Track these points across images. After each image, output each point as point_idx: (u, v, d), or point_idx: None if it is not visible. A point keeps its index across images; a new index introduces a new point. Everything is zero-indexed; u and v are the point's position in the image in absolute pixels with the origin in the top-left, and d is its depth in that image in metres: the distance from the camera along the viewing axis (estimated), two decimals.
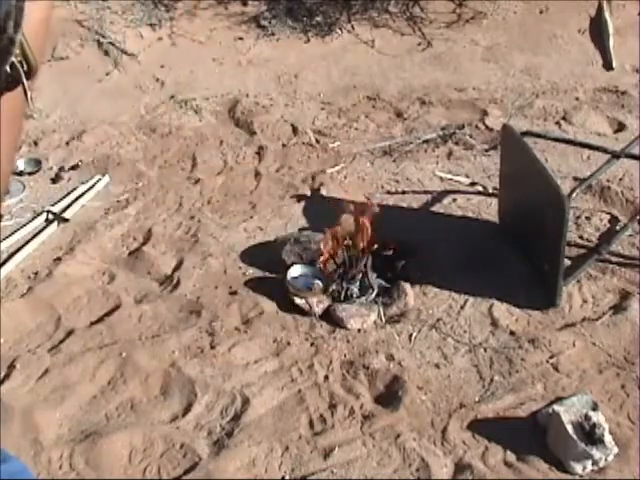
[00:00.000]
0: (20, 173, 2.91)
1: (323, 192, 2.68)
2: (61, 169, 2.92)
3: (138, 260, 2.39)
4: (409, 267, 2.26)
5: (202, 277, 2.32)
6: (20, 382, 1.94)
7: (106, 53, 3.55)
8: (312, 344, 2.05)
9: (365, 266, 2.20)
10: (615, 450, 1.68)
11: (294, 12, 3.94)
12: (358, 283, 2.19)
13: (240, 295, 2.23)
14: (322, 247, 2.21)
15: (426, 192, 2.65)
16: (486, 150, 2.87)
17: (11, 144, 1.18)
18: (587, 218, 2.46)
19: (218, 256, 2.40)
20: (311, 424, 1.83)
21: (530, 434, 1.77)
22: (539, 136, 2.56)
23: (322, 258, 2.22)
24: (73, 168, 2.93)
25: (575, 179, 2.62)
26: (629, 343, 2.00)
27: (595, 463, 1.67)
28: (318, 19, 3.91)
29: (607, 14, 3.71)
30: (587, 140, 2.76)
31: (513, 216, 2.40)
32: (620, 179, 2.60)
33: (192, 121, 3.18)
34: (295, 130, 3.10)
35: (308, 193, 2.69)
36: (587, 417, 1.71)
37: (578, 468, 1.67)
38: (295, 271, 2.25)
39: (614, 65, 3.44)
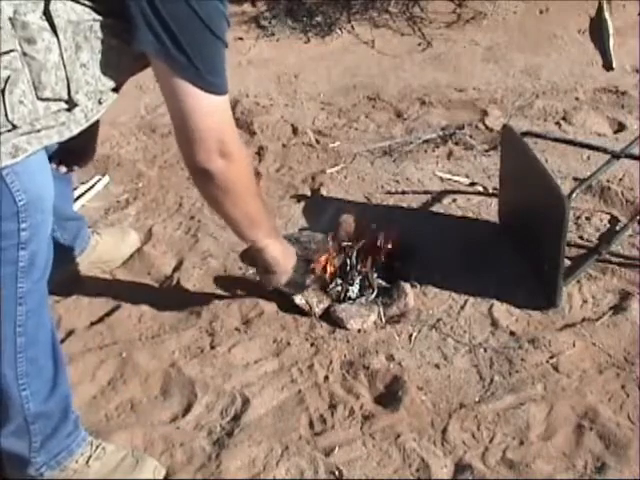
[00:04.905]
0: None
1: (323, 192, 2.68)
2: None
3: (138, 260, 2.39)
4: (409, 267, 2.26)
5: (202, 277, 2.32)
6: None
7: None
8: (312, 344, 2.05)
9: (365, 267, 2.20)
10: None
11: (294, 12, 3.94)
12: (358, 283, 2.19)
13: (240, 295, 2.23)
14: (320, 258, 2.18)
15: (426, 192, 2.65)
16: (486, 150, 2.87)
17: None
18: (587, 218, 2.46)
19: (218, 256, 2.40)
20: (311, 424, 1.83)
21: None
22: (539, 136, 2.55)
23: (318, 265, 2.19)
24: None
25: (575, 179, 2.62)
26: (629, 343, 2.00)
27: None
28: (318, 19, 3.91)
29: (607, 14, 3.71)
30: (587, 140, 2.76)
31: (513, 216, 2.40)
32: (620, 179, 2.60)
33: None
34: (295, 130, 3.10)
35: (308, 193, 2.69)
36: None
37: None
38: None
39: (614, 65, 3.43)
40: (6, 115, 1.26)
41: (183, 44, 1.37)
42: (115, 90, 1.44)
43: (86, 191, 2.75)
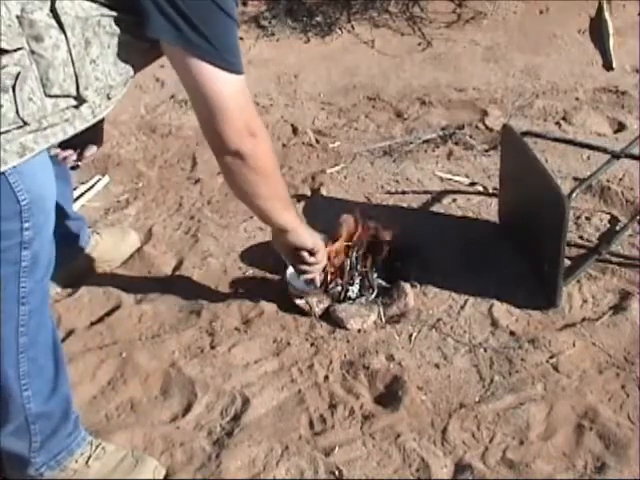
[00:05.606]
0: None
1: (323, 192, 2.68)
2: None
3: (138, 260, 2.39)
4: (409, 267, 2.26)
5: (202, 277, 2.32)
6: None
7: None
8: (312, 344, 2.05)
9: (365, 267, 2.20)
10: None
11: (294, 12, 3.94)
12: (358, 283, 2.19)
13: (240, 295, 2.23)
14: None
15: (426, 192, 2.65)
16: (486, 150, 2.87)
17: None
18: (587, 218, 2.46)
19: (218, 256, 2.40)
20: (311, 424, 1.83)
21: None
22: (539, 136, 2.55)
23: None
24: (73, 168, 2.93)
25: (575, 179, 2.62)
26: (629, 343, 2.00)
27: None
28: (318, 19, 3.91)
29: (607, 14, 3.71)
30: (587, 140, 2.76)
31: (513, 216, 2.40)
32: (620, 179, 2.60)
33: (192, 121, 3.18)
34: (295, 130, 3.10)
35: (308, 193, 2.69)
36: None
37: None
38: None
39: (614, 65, 3.44)
40: (17, 112, 1.26)
41: (199, 26, 1.37)
42: (125, 84, 1.44)
43: (86, 191, 2.75)
